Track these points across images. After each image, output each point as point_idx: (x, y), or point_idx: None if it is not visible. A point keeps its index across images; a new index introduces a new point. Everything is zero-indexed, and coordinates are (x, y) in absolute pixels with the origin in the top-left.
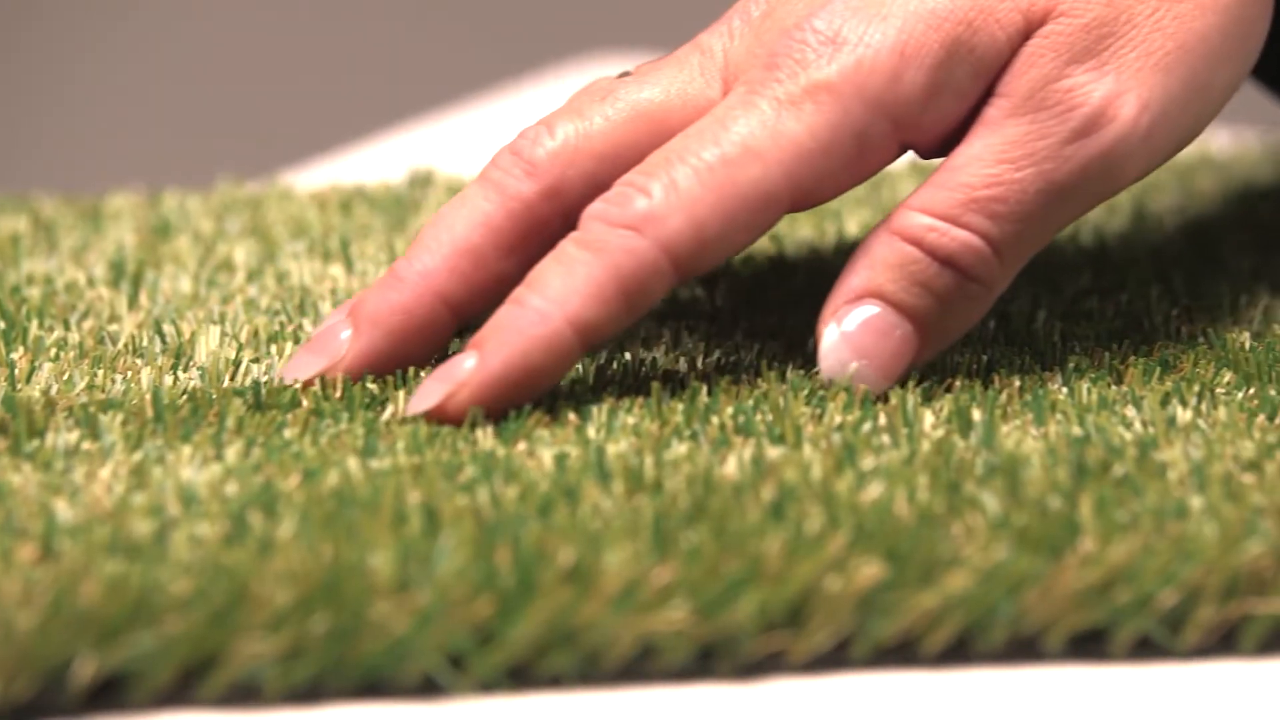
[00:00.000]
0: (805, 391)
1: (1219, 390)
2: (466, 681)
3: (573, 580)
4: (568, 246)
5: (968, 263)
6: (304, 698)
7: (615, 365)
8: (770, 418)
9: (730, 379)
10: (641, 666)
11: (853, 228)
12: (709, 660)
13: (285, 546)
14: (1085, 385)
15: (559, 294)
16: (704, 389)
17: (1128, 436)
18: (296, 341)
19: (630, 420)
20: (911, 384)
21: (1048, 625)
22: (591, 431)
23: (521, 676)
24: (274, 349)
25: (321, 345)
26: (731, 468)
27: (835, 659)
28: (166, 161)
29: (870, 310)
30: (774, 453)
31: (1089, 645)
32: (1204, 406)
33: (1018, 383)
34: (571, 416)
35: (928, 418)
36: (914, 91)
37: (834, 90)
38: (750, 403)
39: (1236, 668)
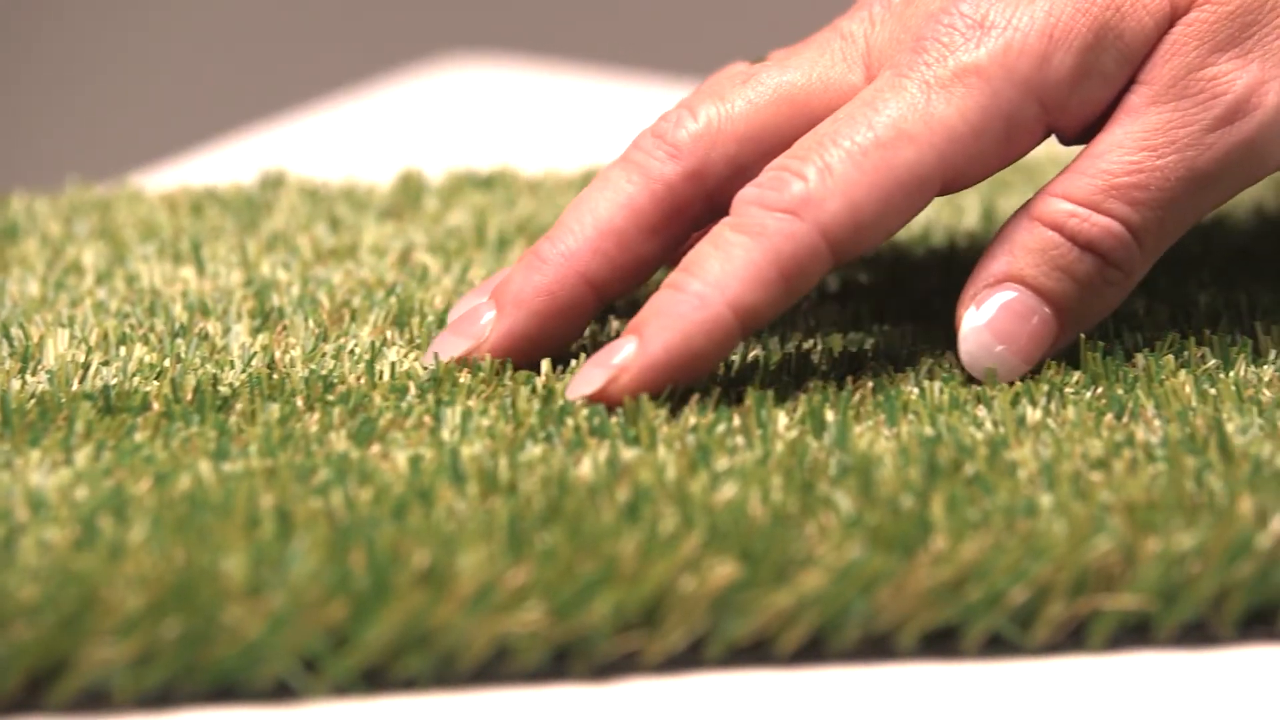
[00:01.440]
0: (660, 393)
1: (1068, 390)
2: (320, 684)
3: (427, 582)
4: (724, 231)
5: (1108, 248)
6: (155, 703)
7: (469, 366)
8: (624, 419)
9: None
10: (496, 668)
11: None
12: (564, 661)
13: (136, 551)
14: (936, 385)
15: (718, 278)
16: (559, 390)
17: (978, 436)
18: (146, 344)
19: (485, 422)
20: (765, 385)
21: (900, 623)
22: (446, 433)
23: (376, 679)
24: (124, 351)
25: (465, 327)
26: (586, 469)
27: (690, 659)
28: (13, 164)
29: (1010, 294)
30: (628, 454)
31: (941, 642)
32: (1053, 406)
33: (870, 383)
34: (425, 418)
35: (781, 419)
36: (1062, 74)
37: (983, 73)
38: (604, 404)
39: (1085, 663)
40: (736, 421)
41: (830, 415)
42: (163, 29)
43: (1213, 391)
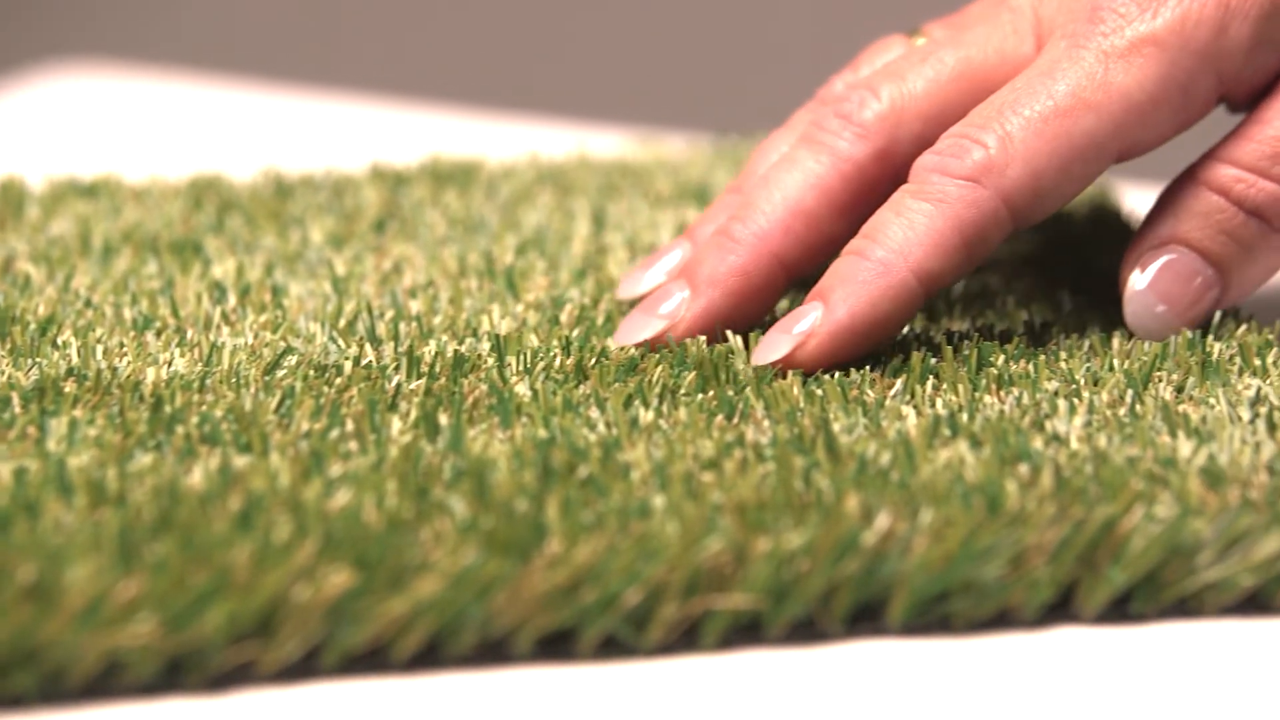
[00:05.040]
0: (274, 399)
1: (680, 392)
2: None
3: (34, 597)
4: (905, 198)
5: (1274, 213)
6: None
7: (75, 375)
8: (237, 426)
9: (196, 387)
10: (107, 682)
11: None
12: (177, 673)
13: None
14: (550, 387)
15: (901, 244)
16: (169, 397)
17: (592, 438)
18: None
19: (92, 431)
20: (377, 389)
21: (516, 627)
22: (51, 444)
23: None
24: None
25: (656, 307)
26: (198, 478)
27: (305, 668)
28: None
29: (1173, 256)
30: (241, 461)
31: (557, 645)
32: (665, 407)
33: (484, 386)
34: (30, 429)
35: (395, 423)
36: (1238, 44)
37: (1160, 43)
38: (217, 411)
39: (698, 663)
40: (350, 426)
41: (444, 419)
42: None
43: (819, 392)
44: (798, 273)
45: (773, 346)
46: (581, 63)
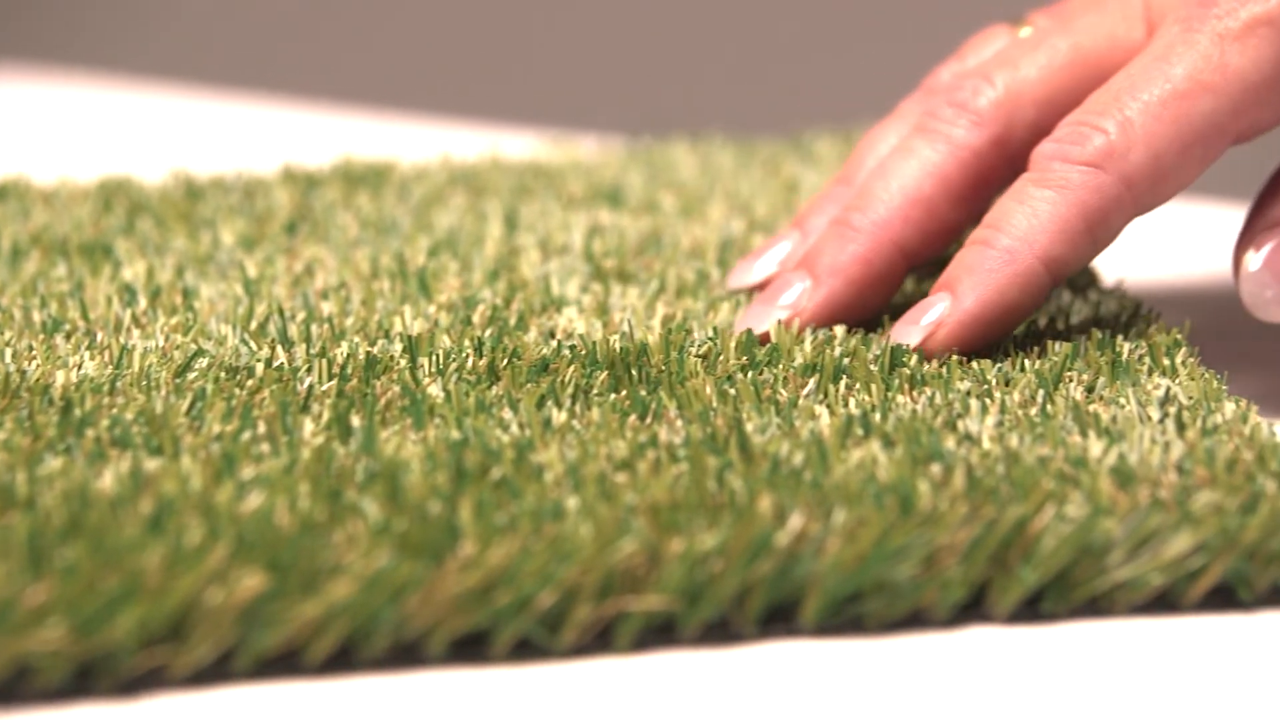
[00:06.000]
0: (185, 401)
1: (593, 392)
2: None
3: None
4: (1028, 186)
5: None
6: None
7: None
8: (148, 429)
9: (107, 389)
10: (16, 688)
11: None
12: (87, 678)
13: None
14: (463, 388)
15: (1026, 232)
16: (78, 400)
17: (505, 439)
18: None
19: (1, 435)
20: (289, 391)
21: (430, 629)
22: None
23: None
24: None
25: (777, 297)
26: (108, 481)
27: (218, 671)
28: None
29: None
30: (152, 464)
31: (470, 648)
32: (578, 408)
33: (396, 387)
34: None
35: (307, 425)
36: None
37: (1275, 22)
38: (127, 414)
39: (612, 664)
40: (262, 429)
41: (356, 420)
42: None
43: (732, 392)
44: (917, 261)
45: (901, 338)
46: (493, 64)
